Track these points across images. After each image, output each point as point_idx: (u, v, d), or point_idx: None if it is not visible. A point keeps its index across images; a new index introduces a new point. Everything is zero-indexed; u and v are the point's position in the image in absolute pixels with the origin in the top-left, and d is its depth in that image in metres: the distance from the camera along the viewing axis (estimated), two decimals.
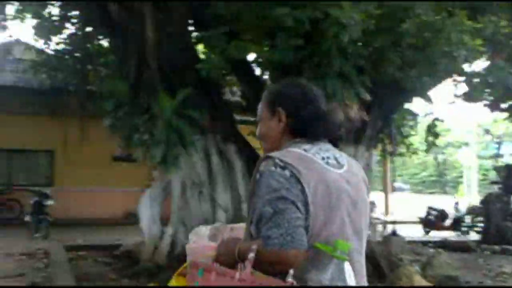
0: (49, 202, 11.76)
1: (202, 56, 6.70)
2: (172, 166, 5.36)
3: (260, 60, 6.29)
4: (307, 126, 1.63)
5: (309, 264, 1.43)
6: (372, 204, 11.63)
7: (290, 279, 1.33)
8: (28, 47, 16.88)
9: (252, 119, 9.49)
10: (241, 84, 7.53)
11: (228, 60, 5.80)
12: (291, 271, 1.34)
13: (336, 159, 1.61)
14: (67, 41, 13.73)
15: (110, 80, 7.81)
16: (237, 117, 8.20)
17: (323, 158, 1.57)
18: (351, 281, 1.47)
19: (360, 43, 5.46)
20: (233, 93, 8.65)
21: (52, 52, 14.14)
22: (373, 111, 6.53)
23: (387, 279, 5.76)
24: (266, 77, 7.13)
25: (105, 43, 13.85)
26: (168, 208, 8.34)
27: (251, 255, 1.38)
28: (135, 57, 6.37)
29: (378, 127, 6.96)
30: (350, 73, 5.34)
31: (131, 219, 16.22)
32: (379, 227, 10.73)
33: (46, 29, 12.86)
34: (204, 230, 1.79)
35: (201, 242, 1.68)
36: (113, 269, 7.07)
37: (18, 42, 16.37)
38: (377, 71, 5.70)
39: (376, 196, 16.01)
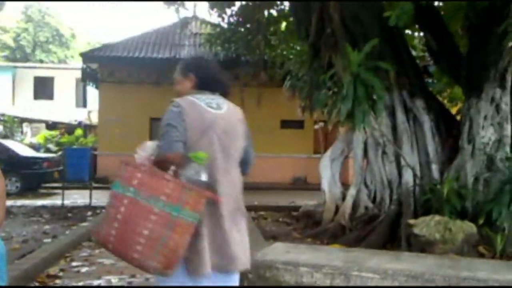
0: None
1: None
2: (360, 123, 5.10)
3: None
4: (203, 85, 2.53)
5: (186, 165, 2.24)
6: None
7: (170, 173, 2.20)
8: (203, 21, 18.01)
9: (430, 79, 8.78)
10: (426, 36, 6.91)
11: (417, 8, 5.31)
12: (172, 167, 2.24)
13: (218, 104, 2.49)
14: (239, 12, 14.23)
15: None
16: None
17: (206, 103, 2.46)
18: (204, 177, 2.22)
19: None
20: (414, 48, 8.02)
21: (226, 25, 14.81)
22: None
23: None
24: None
25: (274, 12, 14.07)
26: (345, 170, 8.16)
27: (152, 157, 2.33)
28: (316, 14, 6.22)
29: None
30: None
31: (298, 185, 16.62)
32: None
33: (219, 2, 13.44)
34: (150, 144, 2.41)
35: (144, 155, 2.36)
36: (295, 229, 7.15)
37: (194, 17, 17.44)
38: None
39: None
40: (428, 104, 6.25)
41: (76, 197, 11.19)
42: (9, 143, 14.65)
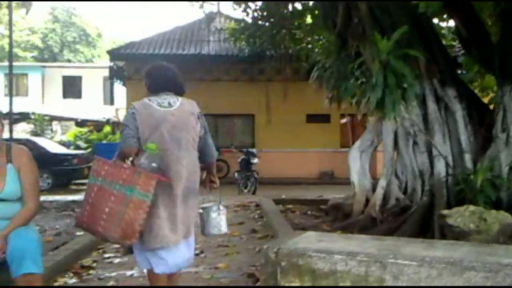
0: (256, 160, 12.40)
1: None
2: (390, 112, 5.01)
3: None
4: (157, 88, 3.20)
5: (142, 156, 2.92)
6: None
7: (128, 163, 2.89)
8: (228, 17, 18.03)
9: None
10: (456, 24, 6.75)
11: None
12: (130, 158, 2.92)
13: (169, 103, 3.12)
14: (263, 7, 14.20)
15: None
16: None
17: (158, 103, 3.09)
18: (154, 164, 2.86)
19: None
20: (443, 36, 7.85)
21: (250, 20, 14.80)
22: None
23: None
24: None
25: (298, 5, 13.98)
26: (374, 163, 8.06)
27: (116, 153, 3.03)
28: (343, 4, 6.14)
29: None
30: None
31: (325, 179, 16.52)
32: None
33: None
34: None
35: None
36: (324, 222, 7.10)
37: (219, 13, 17.47)
38: None
39: None
40: (460, 92, 6.11)
41: None
42: (39, 141, 14.97)
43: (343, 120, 17.00)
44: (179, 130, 3.07)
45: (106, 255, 5.17)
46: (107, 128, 19.81)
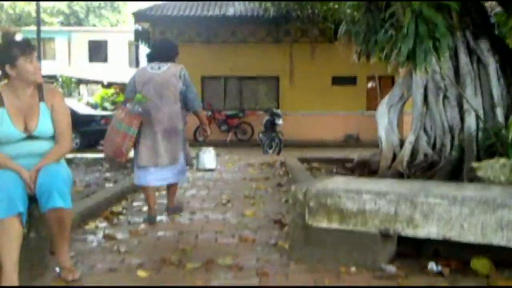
0: (280, 121, 12.37)
1: None
2: (422, 62, 4.88)
3: None
4: (152, 58, 4.50)
5: (131, 103, 4.21)
6: None
7: (126, 107, 4.24)
8: None
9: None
10: None
11: None
12: (128, 105, 4.23)
13: (159, 67, 4.35)
14: None
15: None
16: None
17: (151, 67, 4.38)
18: (138, 109, 4.15)
19: None
20: None
21: None
22: None
23: None
24: None
25: None
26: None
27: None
28: None
29: None
30: None
31: (351, 142, 16.41)
32: None
33: None
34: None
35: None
36: None
37: None
38: None
39: None
40: (493, 45, 5.91)
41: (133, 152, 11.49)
42: (67, 102, 15.17)
43: (370, 84, 16.75)
44: (161, 87, 4.31)
45: (135, 204, 5.27)
46: None
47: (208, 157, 4.90)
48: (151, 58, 4.52)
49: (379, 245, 2.97)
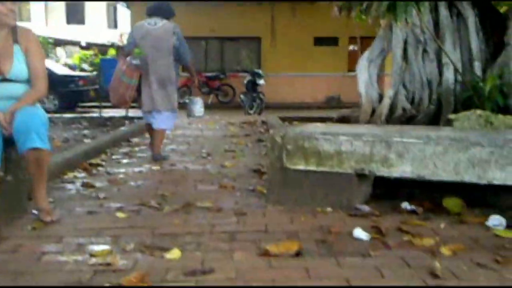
0: (262, 82, 12.31)
1: None
2: (402, 13, 4.87)
3: None
4: (150, 13, 4.92)
5: (131, 56, 4.80)
6: None
7: (127, 59, 4.82)
8: None
9: None
10: None
11: None
12: (128, 57, 4.80)
13: (155, 23, 4.85)
14: None
15: None
16: None
17: (148, 23, 4.87)
18: (136, 61, 4.73)
19: None
20: None
21: None
22: None
23: None
24: None
25: None
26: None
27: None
28: None
29: None
30: None
31: (332, 103, 16.44)
32: None
33: None
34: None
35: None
36: None
37: None
38: None
39: None
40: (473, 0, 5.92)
41: (113, 113, 11.39)
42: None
43: (352, 47, 16.69)
44: (157, 41, 4.81)
45: (114, 157, 5.26)
46: (112, 52, 19.59)
47: (197, 106, 5.54)
48: (150, 13, 4.94)
49: (355, 185, 3.02)
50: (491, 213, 2.76)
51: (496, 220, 2.68)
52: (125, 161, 5.02)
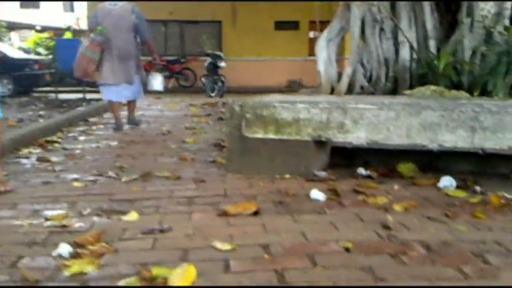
0: (223, 64, 12.25)
1: None
2: None
3: None
4: None
5: (94, 33, 5.37)
6: None
7: (92, 36, 5.44)
8: None
9: None
10: None
11: None
12: (91, 35, 5.46)
13: (116, 4, 5.46)
14: None
15: None
16: None
17: (109, 4, 5.47)
18: (99, 38, 5.31)
19: None
20: None
21: None
22: None
23: None
24: None
25: None
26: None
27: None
28: None
29: None
30: None
31: (293, 87, 16.53)
32: None
33: None
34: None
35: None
36: None
37: None
38: None
39: None
40: None
41: (70, 96, 11.13)
42: None
43: (313, 34, 16.79)
44: (117, 20, 5.37)
45: (71, 134, 5.16)
46: (68, 35, 19.03)
47: (156, 80, 6.23)
48: None
49: (313, 152, 3.07)
50: (443, 176, 2.87)
51: (447, 181, 2.79)
52: (82, 138, 4.93)
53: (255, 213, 2.28)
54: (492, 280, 1.57)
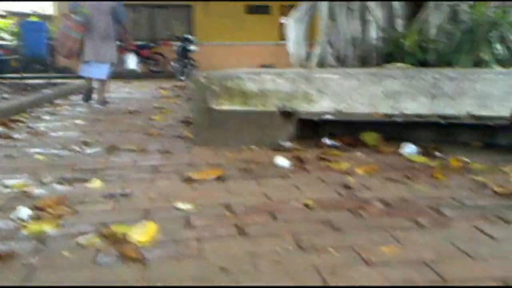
0: (193, 47, 12.14)
1: None
2: None
3: None
4: None
5: (76, 15, 5.78)
6: None
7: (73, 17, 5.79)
8: None
9: None
10: None
11: None
12: (73, 16, 5.81)
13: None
14: None
15: None
16: None
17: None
18: (81, 19, 5.69)
19: None
20: None
21: None
22: None
23: None
24: None
25: None
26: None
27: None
28: None
29: None
30: None
31: None
32: None
33: None
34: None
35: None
36: None
37: None
38: None
39: None
40: None
41: (37, 82, 10.88)
42: None
43: (283, 20, 16.75)
44: (98, 3, 5.77)
45: (36, 114, 5.05)
46: (34, 19, 18.51)
47: (132, 60, 7.64)
48: None
49: (279, 123, 3.09)
50: (405, 143, 2.93)
51: (408, 148, 2.85)
52: (47, 117, 4.84)
53: (220, 179, 2.29)
54: (444, 229, 1.62)
